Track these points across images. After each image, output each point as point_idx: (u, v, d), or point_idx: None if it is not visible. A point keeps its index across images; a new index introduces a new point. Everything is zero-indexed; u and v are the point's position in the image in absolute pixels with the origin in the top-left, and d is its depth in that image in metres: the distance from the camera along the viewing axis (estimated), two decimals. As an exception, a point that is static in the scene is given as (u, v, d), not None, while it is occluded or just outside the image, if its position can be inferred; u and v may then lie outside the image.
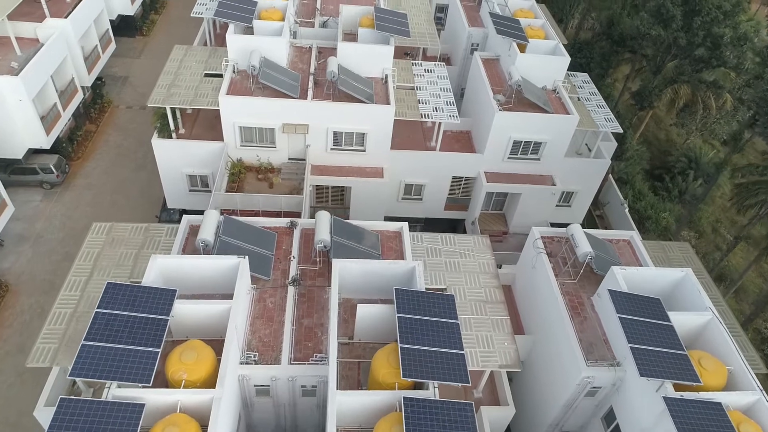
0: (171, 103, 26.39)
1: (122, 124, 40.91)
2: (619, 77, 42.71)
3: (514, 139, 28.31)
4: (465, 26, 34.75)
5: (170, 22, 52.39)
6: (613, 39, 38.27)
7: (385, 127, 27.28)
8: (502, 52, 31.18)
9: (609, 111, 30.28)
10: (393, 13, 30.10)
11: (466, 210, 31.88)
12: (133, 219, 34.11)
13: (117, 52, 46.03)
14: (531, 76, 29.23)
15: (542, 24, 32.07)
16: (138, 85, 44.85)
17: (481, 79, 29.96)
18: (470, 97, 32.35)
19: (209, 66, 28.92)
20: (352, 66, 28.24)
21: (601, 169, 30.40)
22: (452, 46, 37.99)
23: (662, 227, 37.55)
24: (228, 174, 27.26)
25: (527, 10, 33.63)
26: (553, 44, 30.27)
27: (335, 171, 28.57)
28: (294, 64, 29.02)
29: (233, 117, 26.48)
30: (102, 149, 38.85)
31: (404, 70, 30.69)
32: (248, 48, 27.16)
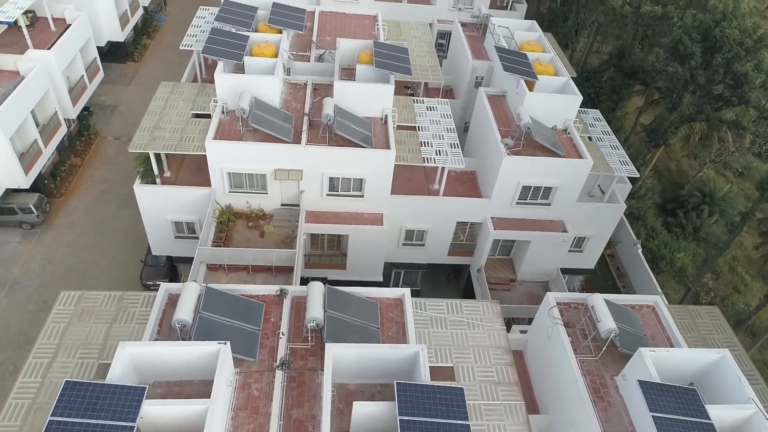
0: (154, 149, 24.51)
1: (109, 157, 39.03)
2: (631, 109, 41.02)
3: (523, 185, 26.43)
4: (469, 59, 33.00)
5: (163, 47, 50.71)
6: (624, 71, 36.60)
7: (384, 172, 25.41)
8: (509, 88, 29.40)
9: (624, 153, 28.43)
10: (393, 48, 28.33)
11: (471, 255, 29.92)
12: (116, 262, 32.27)
13: (106, 80, 44.32)
14: (540, 115, 27.40)
15: (551, 59, 30.31)
16: (127, 114, 43.05)
17: (488, 118, 28.12)
18: (475, 135, 30.52)
19: (197, 105, 27.10)
20: (349, 105, 26.42)
21: (615, 214, 28.48)
22: (455, 78, 36.23)
23: (677, 268, 35.57)
24: (216, 222, 25.31)
25: (534, 43, 31.89)
26: (563, 81, 28.48)
27: (331, 218, 26.63)
28: (287, 102, 27.18)
29: (221, 163, 24.59)
30: (87, 185, 36.92)
31: (405, 107, 28.89)
32: (238, 87, 25.33)
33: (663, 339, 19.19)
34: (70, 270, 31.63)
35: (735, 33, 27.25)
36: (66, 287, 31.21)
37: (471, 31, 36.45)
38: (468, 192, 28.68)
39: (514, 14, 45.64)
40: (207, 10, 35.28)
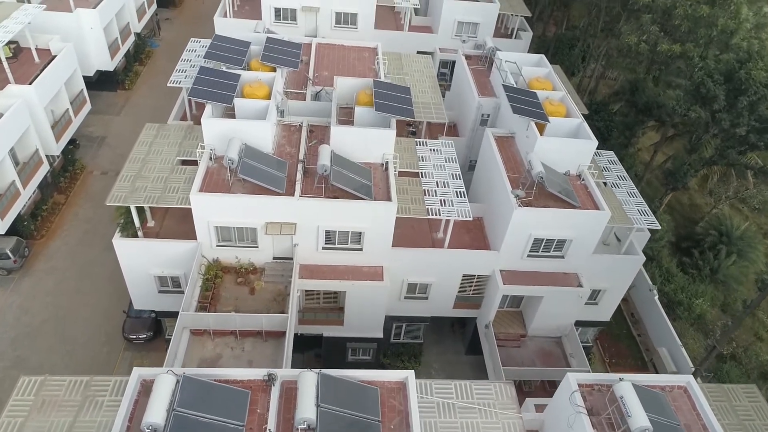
0: (135, 201, 22.53)
1: (95, 193, 37.04)
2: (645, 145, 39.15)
3: (535, 237, 24.45)
4: (475, 96, 31.17)
5: (155, 74, 48.95)
6: (638, 107, 34.79)
7: (385, 225, 23.42)
8: (518, 129, 27.54)
9: (642, 200, 26.49)
10: (394, 88, 26.50)
11: (479, 308, 27.85)
12: (98, 311, 30.16)
13: (95, 109, 42.56)
14: (552, 160, 25.50)
15: (562, 98, 28.49)
16: (116, 146, 41.19)
17: (496, 162, 26.22)
18: (482, 179, 28.60)
19: (183, 150, 25.19)
20: (347, 151, 24.51)
21: (634, 266, 26.49)
22: (459, 114, 34.42)
23: (696, 315, 33.49)
24: (201, 280, 23.25)
25: (543, 80, 30.10)
26: (576, 123, 26.63)
27: (328, 272, 24.59)
28: (281, 147, 25.28)
29: (208, 216, 22.61)
30: (70, 224, 34.91)
31: (407, 150, 26.99)
32: (227, 133, 23.43)
33: (699, 428, 17.09)
34: (48, 321, 29.52)
35: (762, 75, 25.40)
36: (42, 341, 29.35)
37: (475, 64, 34.69)
38: (475, 241, 26.69)
39: (519, 43, 44.04)
40: (198, 42, 33.57)
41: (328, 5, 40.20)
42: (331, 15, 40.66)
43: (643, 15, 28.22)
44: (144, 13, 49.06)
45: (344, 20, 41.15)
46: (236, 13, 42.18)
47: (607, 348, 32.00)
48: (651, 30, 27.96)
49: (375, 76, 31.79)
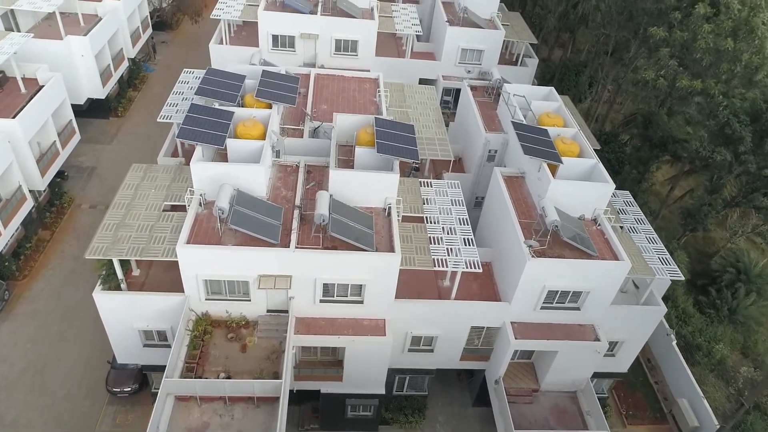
0: (117, 254, 20.81)
1: (82, 229, 35.35)
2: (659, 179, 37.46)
3: (549, 289, 22.70)
4: (481, 131, 29.60)
5: (150, 100, 47.51)
6: (652, 141, 33.24)
7: (388, 277, 21.71)
8: (528, 168, 25.95)
9: (662, 247, 24.84)
10: (397, 125, 24.92)
11: (487, 360, 26.03)
12: (81, 360, 28.30)
13: (86, 138, 41.13)
14: (566, 203, 23.85)
15: (574, 135, 26.94)
16: (106, 177, 39.59)
17: (505, 205, 24.57)
18: (490, 221, 26.95)
19: (171, 194, 23.54)
20: (347, 196, 22.86)
21: (654, 317, 24.73)
22: (465, 148, 32.86)
23: (716, 360, 31.64)
24: (189, 337, 21.46)
25: (554, 115, 28.55)
26: (590, 164, 25.03)
27: (326, 326, 22.81)
28: (276, 190, 23.62)
29: (196, 269, 20.89)
30: (55, 263, 33.15)
31: (411, 192, 25.35)
32: (218, 178, 21.80)
33: None
34: (27, 371, 27.68)
35: (792, 116, 23.98)
36: (19, 394, 27.28)
37: (482, 95, 33.19)
38: (483, 290, 24.95)
39: (525, 70, 42.69)
40: (191, 73, 32.12)
41: (328, 32, 38.85)
42: (331, 42, 39.30)
43: (660, 48, 26.84)
44: (139, 37, 47.80)
45: (344, 47, 39.80)
46: (233, 40, 40.83)
47: (624, 398, 30.07)
48: (669, 64, 26.55)
49: (376, 110, 30.30)
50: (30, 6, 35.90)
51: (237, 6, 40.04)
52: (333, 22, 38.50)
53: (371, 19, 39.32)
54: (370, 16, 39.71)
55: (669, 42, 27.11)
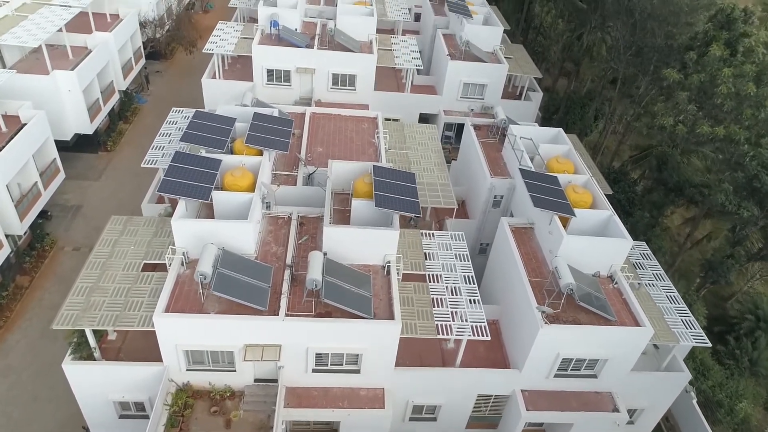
0: (88, 323, 18.90)
1: (64, 274, 33.39)
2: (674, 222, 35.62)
3: (563, 357, 20.75)
4: (487, 176, 27.89)
5: (141, 133, 45.88)
6: (667, 185, 31.55)
7: (387, 346, 19.77)
8: (538, 220, 24.18)
9: (685, 306, 22.94)
10: (397, 174, 23.20)
11: (496, 428, 23.91)
12: (55, 425, 26.04)
13: (72, 174, 39.49)
14: (580, 260, 22.04)
15: (586, 182, 25.23)
16: (92, 216, 37.75)
17: (514, 263, 22.73)
18: (497, 275, 25.10)
19: (152, 251, 21.71)
20: (342, 254, 21.04)
21: (678, 384, 22.74)
22: (468, 192, 31.13)
23: (740, 419, 29.50)
24: (168, 413, 19.41)
25: (564, 160, 26.87)
26: (605, 216, 23.26)
27: (318, 398, 20.77)
28: (266, 246, 21.80)
29: (175, 339, 18.95)
30: (33, 312, 31.14)
31: (412, 246, 23.52)
32: (202, 236, 20.01)
33: None
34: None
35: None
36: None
37: (485, 135, 31.55)
38: (491, 353, 23.00)
39: (529, 105, 41.23)
40: (180, 112, 30.60)
41: (325, 67, 37.42)
42: (328, 76, 37.84)
43: (677, 92, 25.42)
44: (131, 69, 46.37)
45: (342, 81, 38.33)
46: (226, 73, 39.38)
47: (642, 463, 27.84)
48: (688, 109, 25.08)
49: (375, 151, 28.67)
50: (15, 41, 34.47)
51: (231, 39, 38.70)
52: (330, 57, 37.10)
53: (370, 53, 37.95)
54: (369, 50, 38.35)
55: (685, 85, 25.65)
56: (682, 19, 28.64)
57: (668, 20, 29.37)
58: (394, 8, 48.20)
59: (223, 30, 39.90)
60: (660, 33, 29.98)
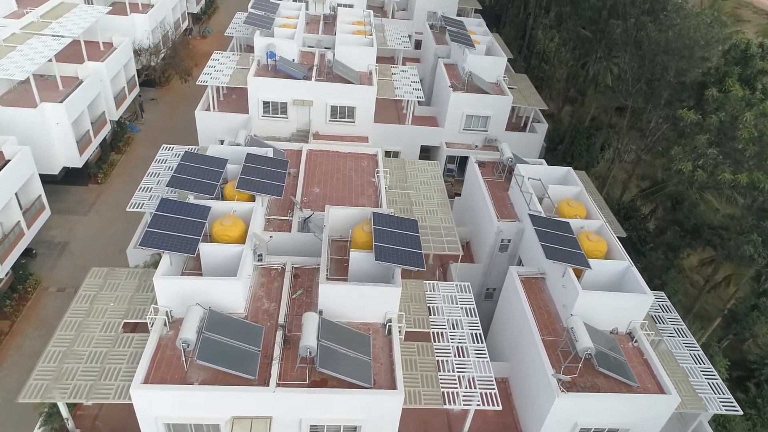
0: (59, 395, 17.16)
1: (47, 317, 31.64)
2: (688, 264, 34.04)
3: (581, 427, 18.96)
4: (493, 219, 26.36)
5: (134, 164, 44.44)
6: (683, 226, 30.03)
7: (388, 418, 17.99)
8: (550, 270, 22.59)
9: (710, 366, 21.23)
10: (398, 222, 21.63)
11: (506, 497, 22.01)
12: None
13: (59, 208, 38.06)
14: (596, 317, 20.42)
15: (600, 228, 23.70)
16: (79, 254, 36.14)
17: (526, 321, 21.07)
18: (506, 331, 23.43)
19: (133, 308, 20.05)
20: (340, 312, 19.40)
21: (706, 452, 20.92)
22: (474, 233, 29.60)
23: (766, 479, 27.54)
24: (145, 493, 17.57)
25: (575, 203, 25.37)
26: (622, 268, 21.69)
27: (313, 472, 18.92)
28: (257, 302, 20.14)
29: (155, 411, 17.19)
30: (11, 361, 29.34)
31: (415, 299, 21.86)
32: (187, 295, 18.38)
33: None
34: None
35: None
36: None
37: (491, 173, 30.11)
38: (501, 418, 21.22)
39: (534, 137, 39.90)
40: (170, 150, 29.17)
41: (323, 99, 36.18)
42: (327, 108, 36.59)
43: (697, 136, 24.10)
44: (124, 98, 45.17)
45: (341, 114, 37.06)
46: (221, 104, 38.10)
47: None
48: (708, 153, 23.74)
49: (375, 192, 27.19)
50: (1, 73, 33.24)
51: (226, 70, 37.49)
52: (329, 89, 35.88)
53: (370, 84, 36.74)
54: (369, 81, 37.14)
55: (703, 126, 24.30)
56: (697, 53, 27.47)
57: (681, 54, 28.18)
58: (394, 36, 47.23)
59: (218, 60, 38.72)
60: (672, 67, 28.77)
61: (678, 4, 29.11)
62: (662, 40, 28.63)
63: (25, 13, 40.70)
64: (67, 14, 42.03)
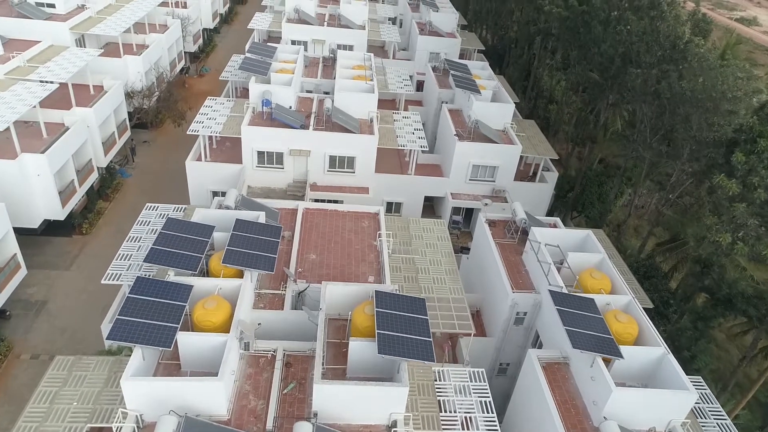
0: None
1: (16, 392, 28.83)
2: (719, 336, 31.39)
3: None
4: (507, 290, 23.91)
5: (123, 213, 42.15)
6: (714, 294, 27.60)
7: None
8: (575, 356, 20.05)
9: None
10: (404, 302, 19.19)
11: None
12: None
13: (39, 262, 35.72)
14: (632, 415, 17.77)
15: (628, 305, 21.27)
16: (58, 314, 33.54)
17: (550, 416, 18.42)
18: (524, 422, 20.70)
19: (100, 409, 17.46)
20: (338, 414, 16.81)
21: None
22: (484, 302, 27.14)
23: None
24: None
25: (599, 274, 22.96)
26: (658, 355, 19.16)
27: None
28: (242, 399, 17.56)
29: None
30: (-28, 443, 26.50)
31: (423, 392, 19.28)
32: (160, 398, 15.81)
33: None
34: None
35: None
36: None
37: (502, 233, 27.79)
38: None
39: (544, 187, 37.78)
40: (155, 209, 26.93)
41: (322, 149, 34.20)
42: (325, 158, 34.59)
43: (736, 206, 21.96)
44: (114, 144, 43.21)
45: (340, 164, 35.05)
46: (214, 153, 36.06)
47: None
48: (749, 224, 21.56)
49: (376, 258, 24.83)
50: (-21, 123, 31.23)
51: (219, 118, 35.61)
52: (327, 138, 33.96)
53: (371, 133, 34.80)
54: (370, 130, 35.22)
55: (745, 197, 22.12)
56: (723, 106, 25.55)
57: (705, 107, 26.24)
58: (395, 78, 45.61)
59: (211, 107, 36.89)
60: (696, 120, 26.81)
61: (701, 54, 27.35)
62: (686, 91, 26.73)
63: (11, 57, 39.03)
64: (56, 58, 40.41)
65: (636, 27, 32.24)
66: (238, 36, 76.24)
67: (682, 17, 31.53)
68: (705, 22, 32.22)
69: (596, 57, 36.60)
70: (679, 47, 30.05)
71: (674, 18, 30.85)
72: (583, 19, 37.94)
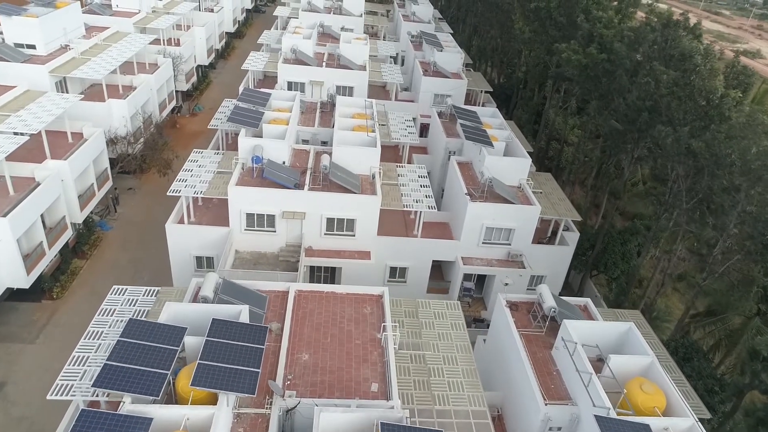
0: None
1: (-41, 500, 24.71)
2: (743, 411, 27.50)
3: None
4: (538, 400, 19.92)
5: (100, 272, 38.49)
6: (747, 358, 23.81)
7: None
8: None
9: None
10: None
11: None
12: None
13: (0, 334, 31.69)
14: None
15: (691, 428, 17.32)
16: (17, 400, 29.49)
17: None
18: None
19: None
20: None
21: None
22: (507, 400, 23.12)
23: None
24: None
25: (651, 387, 18.69)
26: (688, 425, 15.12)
27: None
28: None
29: None
30: None
31: None
32: None
33: None
34: None
35: None
36: None
37: (526, 319, 23.94)
38: None
39: (564, 250, 34.09)
40: (122, 292, 23.14)
41: (318, 210, 30.64)
42: (322, 221, 30.99)
43: None
44: (92, 196, 39.59)
45: (338, 226, 31.44)
46: (199, 213, 32.47)
47: None
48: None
49: (380, 356, 20.96)
50: (-68, 185, 27.70)
51: (204, 175, 32.12)
52: (324, 199, 30.45)
53: (373, 193, 31.29)
54: (372, 189, 31.73)
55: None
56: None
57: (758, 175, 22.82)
58: (398, 124, 42.30)
59: (196, 162, 33.44)
60: (745, 191, 23.38)
61: (747, 113, 24.06)
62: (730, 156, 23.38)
63: (-20, 106, 35.78)
64: (30, 105, 37.12)
65: (666, 79, 29.06)
66: (234, 72, 73.46)
67: (718, 69, 28.34)
68: (745, 75, 29.02)
69: (621, 108, 33.34)
70: (713, 102, 26.85)
71: (709, 72, 27.64)
72: (604, 67, 34.85)
